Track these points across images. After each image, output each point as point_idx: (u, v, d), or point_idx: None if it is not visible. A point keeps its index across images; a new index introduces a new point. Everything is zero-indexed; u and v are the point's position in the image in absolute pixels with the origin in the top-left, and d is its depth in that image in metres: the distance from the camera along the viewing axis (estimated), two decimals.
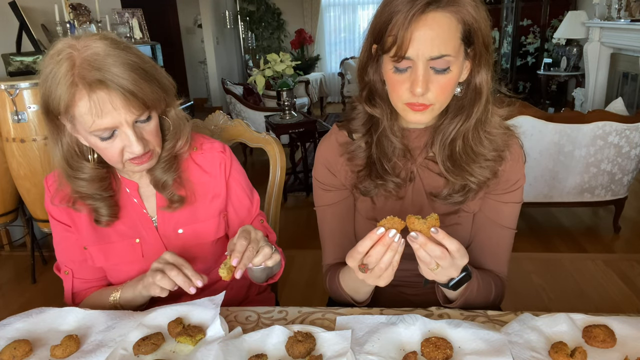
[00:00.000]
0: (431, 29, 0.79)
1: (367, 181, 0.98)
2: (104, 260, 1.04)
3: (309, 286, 2.55)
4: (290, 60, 3.62)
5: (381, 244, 0.77)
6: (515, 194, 0.99)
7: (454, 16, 0.80)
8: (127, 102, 0.84)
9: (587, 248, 2.90)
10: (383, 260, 0.78)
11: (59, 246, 1.06)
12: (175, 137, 0.99)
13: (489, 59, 0.87)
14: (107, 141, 0.88)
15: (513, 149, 0.96)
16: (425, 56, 0.80)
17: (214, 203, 1.08)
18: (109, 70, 0.82)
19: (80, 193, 0.97)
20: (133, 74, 0.84)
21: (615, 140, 2.71)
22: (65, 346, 0.82)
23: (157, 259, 0.92)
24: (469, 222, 1.02)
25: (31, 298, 2.57)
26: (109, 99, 0.83)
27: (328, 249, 1.10)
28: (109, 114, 0.84)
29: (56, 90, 0.83)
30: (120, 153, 0.90)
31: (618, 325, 0.82)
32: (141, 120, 0.89)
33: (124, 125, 0.86)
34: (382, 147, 0.96)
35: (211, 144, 1.09)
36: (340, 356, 0.78)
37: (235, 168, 1.11)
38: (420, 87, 0.81)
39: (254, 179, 1.20)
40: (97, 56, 0.83)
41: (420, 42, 0.79)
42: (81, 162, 0.94)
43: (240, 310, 0.97)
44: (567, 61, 5.85)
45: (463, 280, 0.86)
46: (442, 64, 0.81)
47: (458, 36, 0.81)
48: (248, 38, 8.10)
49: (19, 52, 3.02)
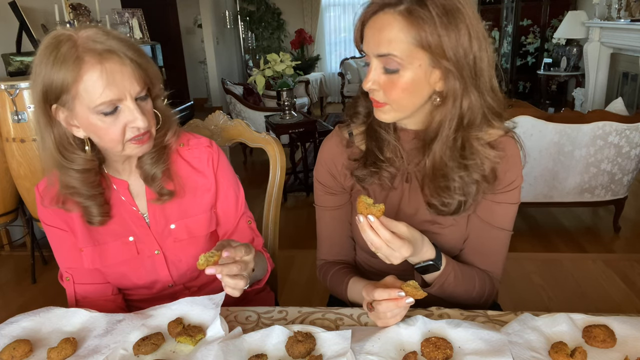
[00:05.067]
0: (376, 28, 0.84)
1: (362, 169, 0.99)
2: (99, 262, 1.03)
3: (309, 286, 2.56)
4: (290, 60, 3.62)
5: (396, 303, 0.83)
6: (510, 195, 0.97)
7: (405, 21, 0.81)
8: (135, 73, 0.87)
9: (587, 248, 2.90)
10: (391, 312, 0.85)
11: (57, 252, 1.06)
12: (165, 127, 1.00)
13: (475, 83, 0.85)
14: (110, 116, 0.88)
15: (509, 148, 0.94)
16: (373, 52, 0.86)
17: (204, 198, 1.07)
18: (116, 44, 0.86)
19: (70, 188, 0.96)
20: (133, 50, 0.88)
21: (615, 140, 2.71)
22: (60, 349, 0.82)
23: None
24: (464, 222, 1.01)
25: (31, 298, 2.57)
26: (119, 68, 0.85)
27: (324, 246, 1.14)
28: (118, 84, 0.85)
29: (58, 71, 0.84)
30: (123, 131, 0.89)
31: (618, 325, 0.82)
32: (141, 96, 0.90)
33: (127, 99, 0.87)
34: (377, 138, 0.97)
35: (197, 139, 1.09)
36: (340, 356, 0.78)
37: (223, 163, 1.10)
38: (366, 82, 0.88)
39: (254, 179, 1.21)
40: (97, 34, 0.86)
41: (368, 39, 0.86)
42: (75, 152, 0.93)
43: (240, 310, 0.97)
44: (567, 61, 5.85)
45: (428, 268, 0.92)
46: (391, 64, 0.84)
47: (410, 41, 0.81)
48: (248, 38, 8.10)
49: (19, 52, 3.02)
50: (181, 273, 1.08)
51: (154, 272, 1.07)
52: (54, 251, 1.06)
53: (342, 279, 1.06)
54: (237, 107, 4.88)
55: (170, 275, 1.08)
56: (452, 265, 0.95)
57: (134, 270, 1.05)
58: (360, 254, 1.13)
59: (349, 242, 1.12)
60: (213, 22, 7.31)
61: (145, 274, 1.06)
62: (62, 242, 1.04)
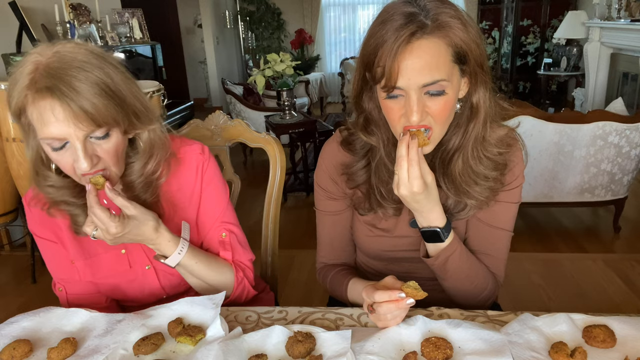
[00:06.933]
0: (419, 57, 0.77)
1: (365, 205, 0.99)
2: (91, 275, 1.02)
3: (309, 286, 2.56)
4: (290, 60, 3.62)
5: (396, 305, 0.83)
6: (511, 194, 0.97)
7: (442, 41, 0.79)
8: (74, 115, 0.79)
9: (587, 248, 2.90)
10: (391, 314, 0.84)
11: (49, 264, 1.04)
12: (143, 159, 0.94)
13: (485, 78, 0.86)
14: (58, 152, 0.84)
15: (512, 148, 0.95)
16: (417, 84, 0.79)
17: (195, 210, 1.04)
18: (63, 79, 0.78)
19: (52, 199, 0.93)
20: (92, 88, 0.80)
21: (615, 140, 2.71)
22: (60, 349, 0.82)
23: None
24: (463, 226, 1.01)
25: (31, 298, 2.57)
26: (51, 108, 0.79)
27: (324, 250, 1.13)
28: (52, 125, 0.80)
29: (14, 92, 0.81)
30: (72, 166, 0.85)
31: (618, 325, 0.82)
32: (96, 136, 0.84)
33: (72, 139, 0.81)
34: (380, 174, 0.95)
35: (189, 146, 1.04)
36: (340, 356, 0.78)
37: (211, 171, 1.05)
38: (416, 116, 0.80)
39: (254, 179, 1.20)
40: (60, 64, 0.79)
41: (409, 72, 0.78)
42: (45, 171, 0.91)
43: (240, 310, 0.97)
44: (567, 61, 5.85)
45: (433, 236, 0.91)
46: (436, 88, 0.80)
47: (449, 59, 0.80)
48: (248, 38, 8.10)
49: (19, 52, 3.02)
50: (174, 285, 1.06)
51: (147, 284, 1.05)
52: (45, 262, 1.05)
53: (342, 281, 1.05)
54: (237, 107, 4.88)
55: (162, 288, 1.06)
56: (459, 243, 0.94)
57: (127, 282, 1.04)
58: (361, 256, 1.13)
59: (350, 246, 1.12)
60: (213, 22, 7.31)
61: (138, 286, 1.05)
62: (53, 254, 1.03)
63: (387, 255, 1.05)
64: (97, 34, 3.66)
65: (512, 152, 0.95)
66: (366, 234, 1.04)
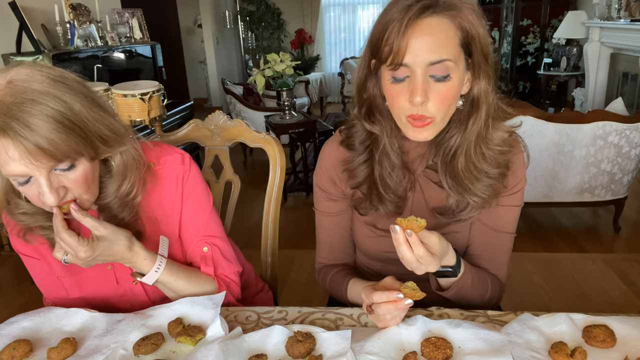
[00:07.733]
0: (428, 34, 0.77)
1: (366, 203, 0.98)
2: (78, 291, 1.00)
3: (309, 286, 2.56)
4: (290, 60, 3.62)
5: (395, 305, 0.82)
6: (514, 197, 0.97)
7: (452, 21, 0.79)
8: (29, 154, 0.74)
9: (587, 248, 2.91)
10: (390, 314, 0.84)
11: (36, 279, 1.02)
12: (117, 182, 0.90)
13: (488, 71, 0.85)
14: (24, 186, 0.81)
15: (514, 150, 0.95)
16: (424, 62, 0.78)
17: (176, 224, 1.02)
18: (16, 116, 0.73)
19: (26, 226, 0.90)
20: (48, 124, 0.74)
21: (615, 140, 2.71)
22: (60, 349, 0.82)
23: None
24: (466, 230, 1.01)
25: (31, 298, 2.56)
26: (4, 148, 0.74)
27: (323, 250, 1.13)
28: (10, 164, 0.76)
29: None
30: (40, 199, 0.82)
31: (618, 325, 0.82)
32: (61, 168, 0.80)
33: (35, 174, 0.78)
34: (382, 165, 0.95)
35: (169, 155, 1.01)
36: (340, 356, 0.78)
37: (192, 181, 1.02)
38: (419, 96, 0.79)
39: (254, 179, 1.20)
40: (13, 98, 0.74)
41: (417, 48, 0.77)
42: (16, 199, 0.88)
43: (240, 310, 0.97)
44: (567, 61, 5.85)
45: (445, 273, 0.91)
46: (442, 70, 0.79)
47: (457, 42, 0.80)
48: (248, 38, 8.10)
49: (19, 52, 3.02)
50: (164, 298, 1.04)
51: (136, 299, 1.03)
52: (33, 278, 1.03)
53: (341, 281, 1.05)
54: (237, 107, 4.88)
55: (152, 302, 1.03)
56: (469, 271, 0.94)
57: (117, 297, 1.02)
58: (361, 257, 1.13)
59: (349, 247, 1.12)
60: (213, 22, 7.31)
61: (128, 301, 1.03)
62: (38, 270, 1.01)
63: (388, 256, 1.05)
64: (97, 34, 3.66)
65: (514, 153, 0.94)
66: (367, 235, 1.04)
